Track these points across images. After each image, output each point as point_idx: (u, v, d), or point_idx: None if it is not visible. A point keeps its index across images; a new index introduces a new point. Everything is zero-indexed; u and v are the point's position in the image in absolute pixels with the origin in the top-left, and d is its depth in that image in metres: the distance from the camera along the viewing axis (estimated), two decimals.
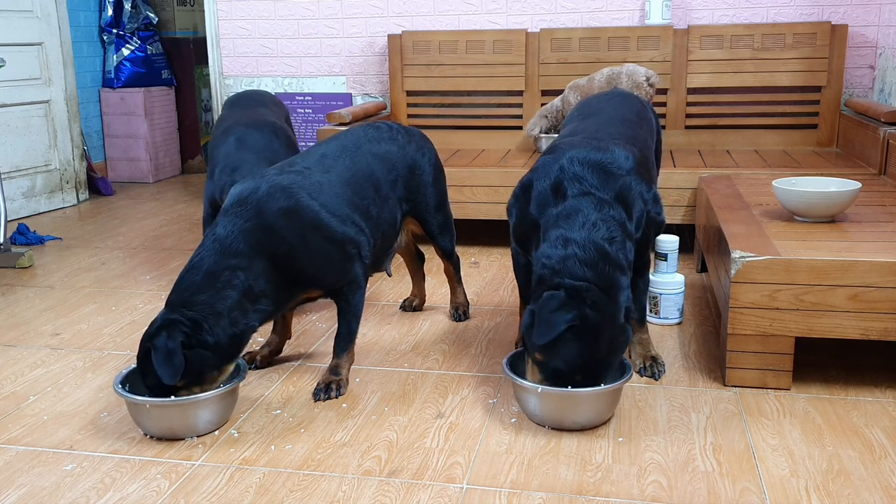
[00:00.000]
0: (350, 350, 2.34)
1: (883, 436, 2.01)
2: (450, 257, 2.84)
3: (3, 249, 3.69)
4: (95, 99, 5.71)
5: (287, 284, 2.14)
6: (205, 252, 2.07)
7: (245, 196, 2.14)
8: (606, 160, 2.12)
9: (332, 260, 2.20)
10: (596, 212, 2.04)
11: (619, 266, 1.99)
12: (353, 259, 2.24)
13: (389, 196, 2.46)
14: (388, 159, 2.48)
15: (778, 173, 3.42)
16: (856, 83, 4.20)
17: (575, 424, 2.04)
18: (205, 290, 2.02)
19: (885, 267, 2.14)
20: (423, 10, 4.59)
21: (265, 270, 2.08)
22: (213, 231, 2.11)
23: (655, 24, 4.22)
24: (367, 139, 2.49)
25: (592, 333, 1.93)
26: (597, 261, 1.96)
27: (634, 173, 2.13)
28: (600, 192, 2.07)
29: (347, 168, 2.35)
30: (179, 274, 2.08)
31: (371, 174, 2.40)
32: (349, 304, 2.29)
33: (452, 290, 2.94)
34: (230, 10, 4.86)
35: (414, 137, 2.63)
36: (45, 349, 2.70)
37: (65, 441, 2.07)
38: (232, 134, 2.93)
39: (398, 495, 1.79)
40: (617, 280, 1.97)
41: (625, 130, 2.35)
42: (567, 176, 2.10)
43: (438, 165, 2.70)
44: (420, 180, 2.60)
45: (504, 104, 4.51)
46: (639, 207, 2.13)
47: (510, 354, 2.20)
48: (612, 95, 2.69)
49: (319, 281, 2.22)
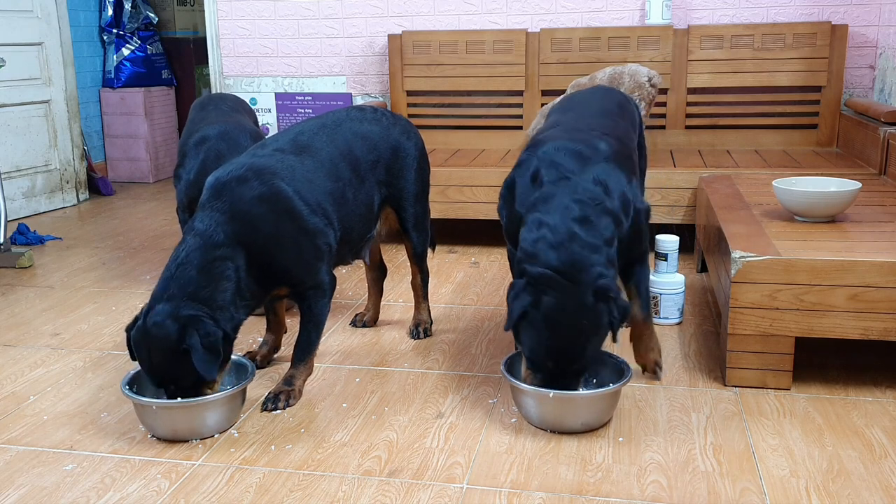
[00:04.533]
0: (308, 361, 2.28)
1: (883, 436, 2.01)
2: (420, 261, 2.71)
3: (3, 249, 3.69)
4: (95, 99, 5.71)
5: (262, 277, 2.10)
6: (189, 248, 2.04)
7: (221, 185, 2.12)
8: (583, 148, 2.10)
9: (302, 251, 2.15)
10: (570, 194, 2.01)
11: (590, 245, 1.95)
12: (323, 257, 2.20)
13: (367, 177, 2.40)
14: (369, 139, 2.44)
15: (778, 173, 3.42)
16: (856, 83, 4.20)
17: (566, 427, 2.04)
18: (204, 286, 2.00)
19: (885, 267, 2.14)
20: (423, 10, 4.59)
21: (246, 261, 2.06)
22: (192, 226, 2.08)
23: (655, 24, 4.22)
24: (348, 118, 2.45)
25: (545, 318, 1.92)
26: (563, 242, 1.94)
27: (612, 161, 2.10)
28: (577, 175, 2.05)
29: (324, 146, 2.31)
30: (167, 270, 2.04)
31: (349, 152, 2.35)
32: (311, 312, 2.24)
33: (417, 305, 2.78)
34: (230, 10, 4.86)
35: (399, 121, 2.58)
36: (45, 349, 2.70)
37: (65, 441, 2.07)
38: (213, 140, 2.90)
39: (398, 495, 1.79)
40: (583, 260, 1.93)
41: (605, 122, 2.33)
42: (544, 164, 2.09)
43: (424, 154, 2.63)
44: (403, 163, 2.53)
45: (504, 104, 4.51)
46: (618, 191, 2.07)
47: (509, 356, 2.19)
48: (595, 90, 2.67)
49: (289, 274, 2.16)
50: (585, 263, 1.93)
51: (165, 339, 1.95)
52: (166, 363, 1.98)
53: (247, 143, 2.88)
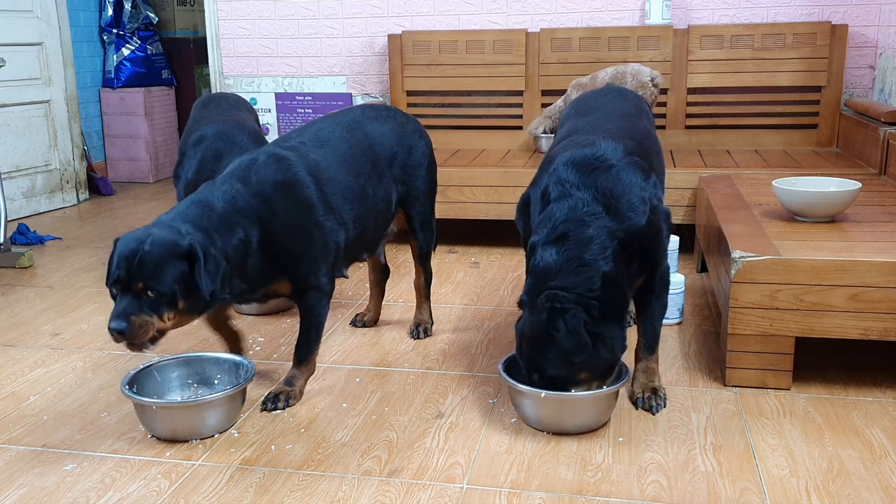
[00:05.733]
0: (309, 362, 2.28)
1: (883, 436, 2.01)
2: (425, 261, 2.72)
3: (3, 249, 3.69)
4: (95, 99, 5.71)
5: (267, 261, 2.09)
6: (211, 195, 2.03)
7: (246, 165, 2.13)
8: (591, 155, 2.06)
9: (312, 243, 2.15)
10: (566, 212, 2.00)
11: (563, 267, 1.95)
12: (329, 255, 2.20)
13: (386, 174, 2.42)
14: (386, 136, 2.45)
15: (778, 173, 3.42)
16: (856, 83, 4.20)
17: (561, 429, 2.03)
18: (219, 231, 1.98)
19: (885, 267, 2.14)
20: (423, 10, 4.58)
21: (259, 238, 2.05)
22: (212, 184, 2.08)
23: (655, 24, 4.22)
24: (364, 117, 2.46)
25: (519, 337, 2.01)
26: (539, 265, 1.97)
27: (625, 163, 2.05)
28: (580, 189, 2.02)
29: (345, 142, 2.31)
30: (183, 205, 2.02)
31: (369, 148, 2.36)
32: (311, 313, 2.23)
33: (418, 305, 2.78)
34: (230, 10, 4.86)
35: (411, 120, 2.60)
36: (45, 349, 2.70)
37: (65, 441, 2.07)
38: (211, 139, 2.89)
39: (398, 495, 1.79)
40: (546, 283, 1.95)
41: (624, 125, 2.29)
42: (552, 181, 2.07)
43: (432, 155, 2.65)
44: (416, 162, 2.54)
45: (504, 104, 4.51)
46: (628, 193, 2.02)
47: (506, 357, 2.18)
48: (608, 91, 2.63)
49: (294, 266, 2.15)
50: (545, 281, 1.95)
51: (170, 243, 1.90)
52: (153, 263, 1.88)
53: (245, 142, 2.88)
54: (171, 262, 1.89)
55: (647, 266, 2.09)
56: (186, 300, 1.92)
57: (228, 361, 2.24)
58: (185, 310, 1.94)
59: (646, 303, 2.16)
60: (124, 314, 1.88)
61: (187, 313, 1.96)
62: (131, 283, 1.89)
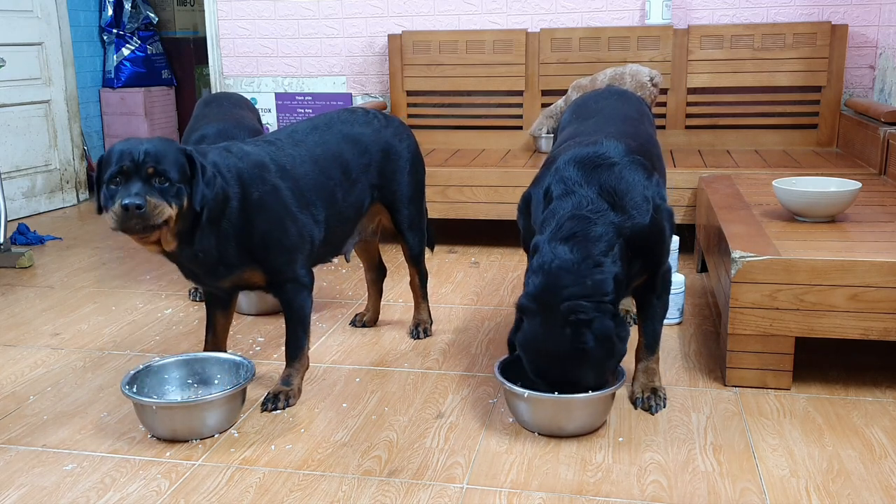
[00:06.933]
0: (301, 357, 2.27)
1: (883, 436, 2.01)
2: (417, 262, 2.71)
3: (3, 249, 3.69)
4: (95, 99, 5.71)
5: (240, 242, 2.10)
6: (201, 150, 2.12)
7: (225, 146, 2.22)
8: (593, 153, 2.05)
9: (286, 233, 2.16)
10: (571, 209, 1.98)
11: (571, 267, 1.91)
12: (304, 249, 2.21)
13: (360, 180, 2.41)
14: (360, 142, 2.43)
15: (778, 173, 3.42)
16: (856, 83, 4.20)
17: (556, 431, 2.03)
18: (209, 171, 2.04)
19: (885, 267, 2.14)
20: (423, 10, 4.58)
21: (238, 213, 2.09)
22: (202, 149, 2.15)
23: (655, 24, 4.22)
24: (339, 120, 2.45)
25: (522, 344, 1.99)
26: (544, 265, 1.93)
27: (628, 161, 2.03)
28: (583, 187, 2.00)
29: (316, 146, 2.33)
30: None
31: (339, 155, 2.36)
32: (292, 308, 2.23)
33: (416, 305, 2.78)
34: (230, 10, 4.86)
35: (392, 123, 2.57)
36: (45, 349, 2.70)
37: (65, 441, 2.07)
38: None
39: (398, 495, 1.79)
40: (557, 283, 1.91)
41: (626, 128, 2.28)
42: (555, 179, 2.05)
43: (418, 156, 2.62)
44: (395, 166, 2.52)
45: (504, 104, 4.51)
46: (632, 191, 2.00)
47: (503, 359, 2.16)
48: (609, 93, 2.61)
49: (266, 253, 2.14)
50: (558, 286, 1.90)
51: (172, 142, 1.99)
52: (161, 153, 1.94)
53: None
54: (175, 155, 1.96)
55: (650, 265, 2.08)
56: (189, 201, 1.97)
57: (228, 361, 2.24)
58: (184, 213, 1.97)
59: (647, 303, 2.16)
60: (139, 194, 1.89)
61: (181, 219, 1.97)
62: (140, 169, 1.91)
